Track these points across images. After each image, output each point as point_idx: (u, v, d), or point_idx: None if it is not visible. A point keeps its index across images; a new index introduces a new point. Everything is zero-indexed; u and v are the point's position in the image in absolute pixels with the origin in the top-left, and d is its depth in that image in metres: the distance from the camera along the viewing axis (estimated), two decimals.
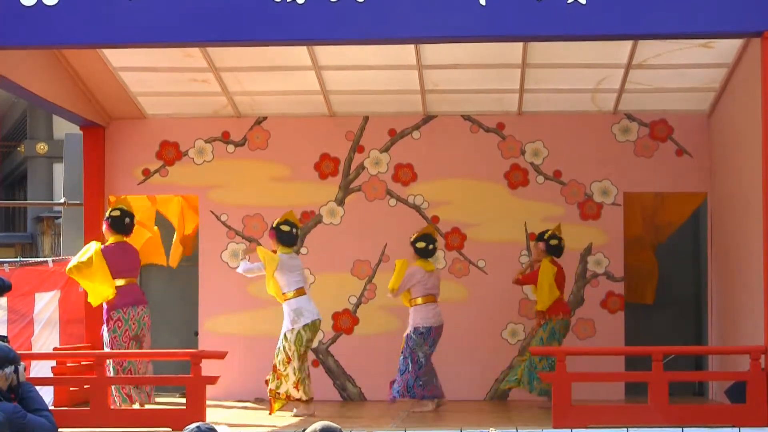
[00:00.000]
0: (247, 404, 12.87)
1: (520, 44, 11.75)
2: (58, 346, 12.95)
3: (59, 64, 12.27)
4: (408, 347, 11.90)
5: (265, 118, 13.57)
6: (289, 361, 11.36)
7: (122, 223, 11.45)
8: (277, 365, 11.41)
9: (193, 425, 6.05)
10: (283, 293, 11.49)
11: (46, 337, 12.91)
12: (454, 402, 12.39)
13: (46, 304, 12.95)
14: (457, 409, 11.86)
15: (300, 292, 11.48)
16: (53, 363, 11.77)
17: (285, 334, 11.42)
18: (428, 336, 11.91)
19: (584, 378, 11.74)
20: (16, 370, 7.52)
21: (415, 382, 11.80)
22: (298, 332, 11.38)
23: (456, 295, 12.96)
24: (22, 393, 7.50)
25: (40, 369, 12.39)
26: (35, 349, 12.58)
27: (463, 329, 12.98)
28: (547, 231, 12.40)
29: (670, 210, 13.69)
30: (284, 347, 11.40)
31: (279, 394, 11.41)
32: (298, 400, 11.38)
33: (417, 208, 13.40)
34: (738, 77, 11.76)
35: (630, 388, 12.80)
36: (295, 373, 11.33)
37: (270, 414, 11.47)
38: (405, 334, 11.98)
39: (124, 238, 11.47)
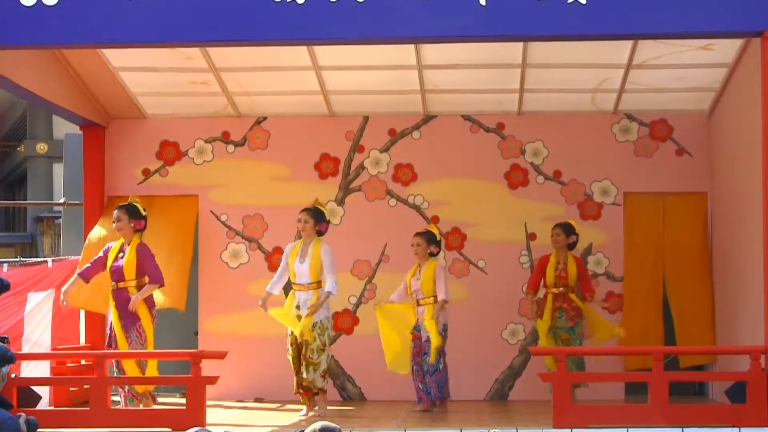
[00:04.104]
0: (247, 404, 12.86)
1: (520, 44, 11.76)
2: (53, 346, 12.90)
3: (59, 64, 12.28)
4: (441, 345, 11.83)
5: (265, 118, 13.58)
6: (323, 349, 11.30)
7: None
8: (309, 356, 11.30)
9: (192, 430, 6.05)
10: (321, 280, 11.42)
11: (37, 337, 12.86)
12: (454, 402, 12.38)
13: (39, 303, 12.90)
14: (457, 409, 11.86)
15: None
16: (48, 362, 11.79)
17: (321, 322, 11.29)
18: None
19: (584, 378, 11.79)
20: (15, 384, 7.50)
21: (446, 382, 11.78)
22: (331, 319, 11.44)
23: (456, 295, 12.94)
24: None
25: (37, 369, 12.35)
26: (25, 350, 12.55)
27: (463, 329, 12.97)
28: (572, 225, 12.32)
29: (680, 239, 13.22)
30: (319, 335, 11.29)
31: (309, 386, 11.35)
32: (321, 389, 11.33)
33: (417, 208, 13.40)
34: (738, 77, 11.76)
35: (630, 388, 12.80)
36: (326, 361, 11.29)
37: (309, 409, 11.40)
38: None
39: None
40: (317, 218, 11.58)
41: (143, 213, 11.37)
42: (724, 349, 12.16)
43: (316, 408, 11.36)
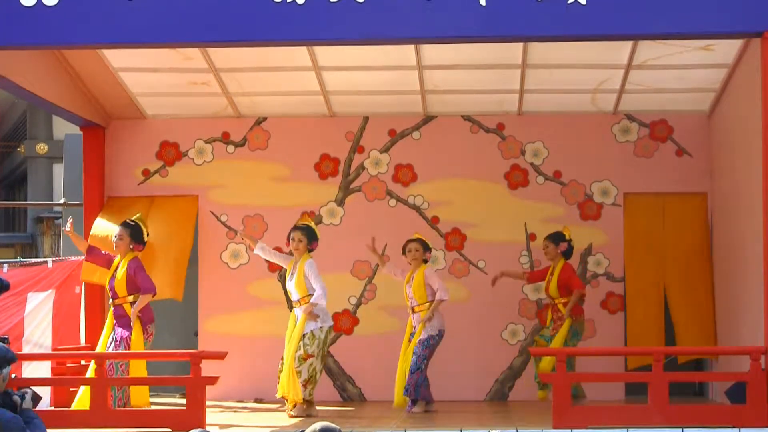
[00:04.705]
0: (247, 405, 12.86)
1: (520, 45, 11.76)
2: (53, 346, 12.92)
3: (59, 64, 12.27)
4: (428, 347, 11.80)
5: (265, 119, 13.58)
6: (306, 358, 11.31)
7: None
8: (293, 363, 11.31)
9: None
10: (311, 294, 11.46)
11: (38, 338, 12.87)
12: (454, 402, 12.39)
13: (39, 304, 12.90)
14: (457, 409, 11.86)
15: None
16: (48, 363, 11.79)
17: (312, 332, 11.35)
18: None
19: (584, 378, 11.79)
20: (22, 398, 7.51)
21: (423, 382, 11.76)
22: (327, 331, 11.42)
23: (456, 295, 12.94)
24: (24, 418, 7.49)
25: (38, 370, 12.36)
26: (26, 350, 12.55)
27: (463, 329, 12.98)
28: (561, 233, 12.29)
29: (680, 239, 13.15)
30: (306, 344, 11.31)
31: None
32: (303, 400, 11.32)
33: (417, 209, 13.40)
34: (738, 77, 11.76)
35: (630, 388, 12.79)
36: (308, 371, 11.28)
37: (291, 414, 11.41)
38: (426, 336, 11.82)
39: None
40: (310, 237, 11.61)
41: (145, 238, 11.56)
42: (724, 349, 12.17)
43: (294, 410, 11.36)
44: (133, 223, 11.62)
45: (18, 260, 14.48)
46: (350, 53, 12.07)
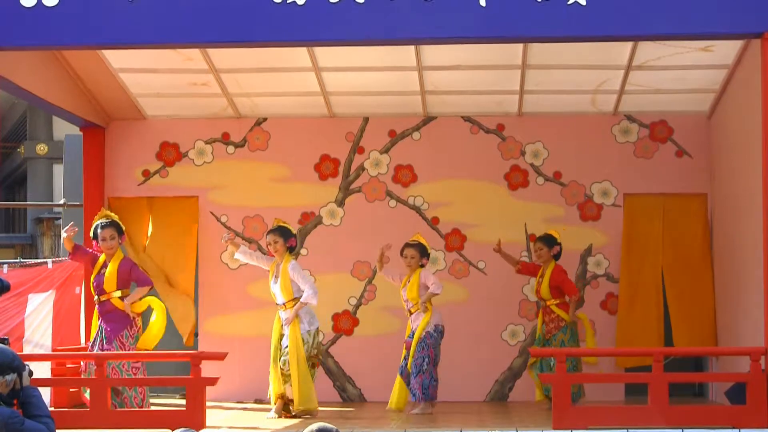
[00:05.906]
0: (246, 405, 12.86)
1: (520, 45, 11.77)
2: (53, 347, 12.91)
3: (59, 65, 12.28)
4: (427, 346, 11.78)
5: (265, 119, 13.58)
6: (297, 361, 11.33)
7: None
8: (281, 366, 11.33)
9: (179, 431, 6.07)
10: (297, 297, 11.46)
11: (38, 338, 12.86)
12: (454, 402, 12.39)
13: (39, 305, 12.90)
14: (457, 410, 11.86)
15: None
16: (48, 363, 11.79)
17: (302, 336, 11.37)
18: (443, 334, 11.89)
19: (584, 378, 11.79)
20: (19, 375, 7.51)
21: (431, 383, 11.73)
22: (314, 334, 11.43)
23: (456, 296, 12.95)
24: (23, 397, 7.47)
25: (38, 370, 12.33)
26: (26, 351, 12.54)
27: (463, 330, 12.98)
28: (552, 236, 12.25)
29: (680, 240, 13.20)
30: (294, 347, 11.31)
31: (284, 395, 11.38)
32: (292, 400, 11.34)
33: (417, 210, 13.40)
34: (738, 78, 11.77)
35: (630, 388, 12.80)
36: (298, 374, 11.29)
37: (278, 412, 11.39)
38: (423, 335, 11.79)
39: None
40: (285, 236, 11.59)
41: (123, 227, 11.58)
42: (725, 350, 12.17)
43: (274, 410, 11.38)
44: (110, 219, 11.53)
45: (18, 261, 14.47)
46: (350, 54, 12.07)
